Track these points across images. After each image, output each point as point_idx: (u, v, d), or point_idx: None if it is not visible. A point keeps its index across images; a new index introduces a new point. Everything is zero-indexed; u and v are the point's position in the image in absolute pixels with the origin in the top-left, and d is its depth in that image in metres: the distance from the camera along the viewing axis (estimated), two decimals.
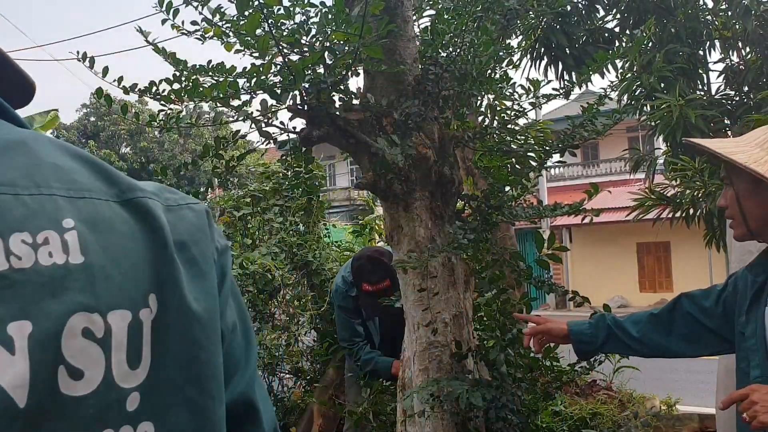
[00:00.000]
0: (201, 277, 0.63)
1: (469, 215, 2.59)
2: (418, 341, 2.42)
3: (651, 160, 5.75)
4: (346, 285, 3.47)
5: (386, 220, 2.49)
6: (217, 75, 2.20)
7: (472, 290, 2.59)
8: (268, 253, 4.16)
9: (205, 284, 0.63)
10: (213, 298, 0.63)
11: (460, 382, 2.29)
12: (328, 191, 24.72)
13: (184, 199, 0.67)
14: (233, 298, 0.69)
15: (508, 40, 2.83)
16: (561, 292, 2.55)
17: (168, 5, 2.21)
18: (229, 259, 0.70)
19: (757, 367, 1.63)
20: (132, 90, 2.25)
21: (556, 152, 2.73)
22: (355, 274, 3.35)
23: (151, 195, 0.63)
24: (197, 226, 0.65)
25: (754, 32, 5.02)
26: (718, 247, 5.30)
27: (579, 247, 19.92)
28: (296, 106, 2.21)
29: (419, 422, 2.38)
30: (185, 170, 2.51)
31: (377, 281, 3.25)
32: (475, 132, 2.64)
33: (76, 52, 2.22)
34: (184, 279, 0.60)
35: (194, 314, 0.60)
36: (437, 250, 2.28)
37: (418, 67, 2.45)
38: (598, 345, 1.97)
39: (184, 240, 0.63)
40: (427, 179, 2.38)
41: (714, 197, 4.61)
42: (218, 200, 5.01)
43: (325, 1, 2.22)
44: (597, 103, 2.59)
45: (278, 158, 3.12)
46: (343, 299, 3.50)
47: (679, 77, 5.20)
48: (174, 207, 0.64)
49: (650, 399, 4.87)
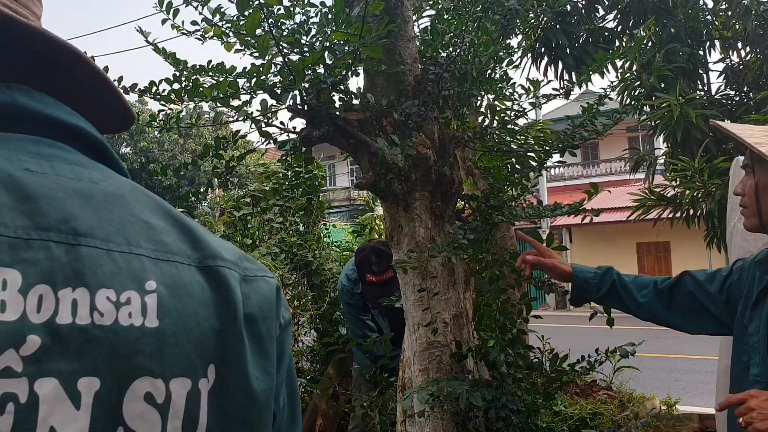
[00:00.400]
0: (263, 355, 0.62)
1: (469, 215, 2.59)
2: (418, 341, 2.42)
3: (651, 160, 5.75)
4: (351, 283, 3.47)
5: (386, 220, 2.49)
6: (217, 75, 2.19)
7: (472, 290, 2.59)
8: (268, 253, 4.16)
9: (266, 363, 0.63)
10: (271, 378, 0.63)
11: (460, 382, 2.29)
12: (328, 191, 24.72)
13: (261, 270, 0.67)
14: (288, 376, 0.69)
15: (508, 40, 2.83)
16: (561, 292, 2.55)
17: (168, 5, 2.21)
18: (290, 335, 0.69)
19: (757, 365, 1.63)
20: (132, 90, 2.25)
21: (556, 152, 2.73)
22: (358, 266, 3.35)
23: (231, 264, 0.62)
24: (268, 300, 0.65)
25: (754, 32, 5.02)
26: (718, 247, 5.30)
27: (579, 247, 19.93)
28: (296, 106, 2.21)
29: (419, 422, 2.38)
30: (185, 170, 2.50)
31: (381, 271, 3.24)
32: (475, 132, 2.64)
33: None
34: (249, 356, 0.60)
35: (252, 393, 0.60)
36: (437, 250, 2.28)
37: (418, 67, 2.45)
38: (597, 296, 1.98)
39: (254, 314, 0.62)
40: (427, 179, 2.38)
41: (714, 197, 4.61)
42: (218, 200, 5.01)
43: (325, 1, 2.22)
44: (597, 103, 2.58)
45: (278, 158, 3.12)
46: (350, 297, 3.49)
47: (679, 77, 5.19)
48: (251, 278, 0.64)
49: (650, 399, 4.87)
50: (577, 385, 4.75)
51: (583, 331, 7.18)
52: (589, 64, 2.73)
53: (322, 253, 4.43)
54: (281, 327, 0.67)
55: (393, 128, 2.30)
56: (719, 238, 5.13)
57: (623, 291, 1.94)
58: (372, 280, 3.27)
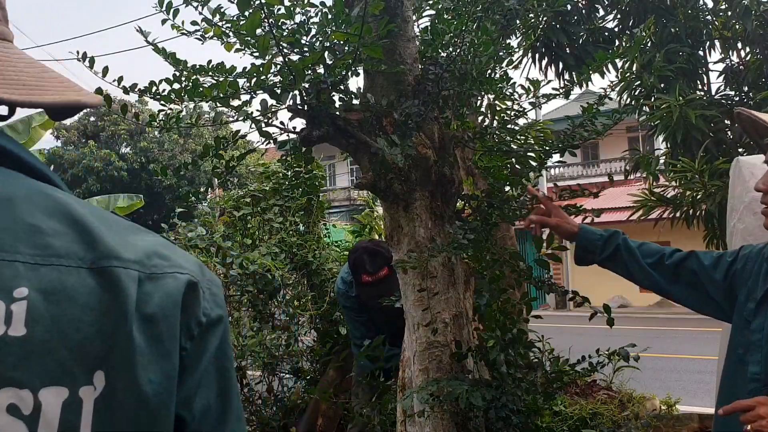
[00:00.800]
0: (165, 357, 0.59)
1: (469, 215, 2.59)
2: (418, 341, 2.42)
3: (651, 160, 5.75)
4: (346, 285, 3.47)
5: (386, 220, 2.49)
6: (217, 75, 2.19)
7: (472, 290, 2.59)
8: (268, 253, 4.16)
9: (166, 366, 0.59)
10: (171, 382, 0.60)
11: (460, 382, 2.29)
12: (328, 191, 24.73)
13: (174, 266, 0.63)
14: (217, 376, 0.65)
15: (508, 40, 2.83)
16: (561, 292, 2.55)
17: (168, 5, 2.21)
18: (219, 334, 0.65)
19: (758, 363, 1.62)
20: (132, 90, 2.25)
21: (556, 152, 2.73)
22: (352, 268, 3.34)
23: (130, 263, 0.60)
24: (173, 298, 0.61)
25: (754, 32, 5.01)
26: (717, 247, 5.30)
27: None
28: (296, 106, 2.21)
29: (419, 422, 2.38)
30: (185, 170, 2.50)
31: (375, 270, 3.24)
32: (475, 132, 2.64)
33: (76, 52, 2.22)
34: (142, 358, 0.57)
35: (145, 397, 0.57)
36: (437, 250, 2.28)
37: (418, 67, 2.45)
38: (601, 257, 1.96)
39: (155, 314, 0.59)
40: (427, 179, 2.38)
41: (714, 198, 4.61)
42: (218, 200, 5.01)
43: (325, 1, 2.22)
44: (597, 103, 2.58)
45: (278, 158, 3.12)
46: (346, 300, 3.50)
47: (679, 77, 5.19)
48: (157, 275, 0.61)
49: (650, 399, 4.87)
50: (577, 385, 4.75)
51: (583, 331, 7.19)
52: (589, 63, 2.73)
53: (322, 253, 4.43)
54: (202, 325, 0.63)
55: (393, 128, 2.30)
56: (719, 238, 5.13)
57: (627, 255, 1.92)
58: (368, 280, 3.26)
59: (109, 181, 24.58)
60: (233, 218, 4.46)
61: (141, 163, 25.24)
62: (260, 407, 4.08)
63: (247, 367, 4.12)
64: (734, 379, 1.70)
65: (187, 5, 2.26)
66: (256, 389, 4.14)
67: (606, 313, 2.35)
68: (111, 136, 26.70)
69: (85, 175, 25.30)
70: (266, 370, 4.10)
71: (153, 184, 24.71)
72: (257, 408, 4.07)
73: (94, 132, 27.25)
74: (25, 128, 8.04)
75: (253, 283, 4.03)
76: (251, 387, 4.11)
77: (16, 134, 9.98)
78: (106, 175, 25.04)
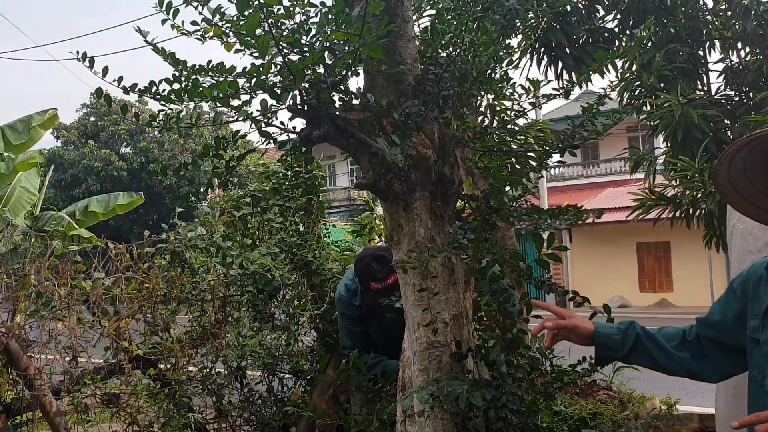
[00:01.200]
0: None
1: (469, 215, 2.59)
2: (418, 341, 2.42)
3: (651, 160, 5.75)
4: (349, 293, 3.41)
5: (386, 220, 2.49)
6: (217, 75, 2.19)
7: (472, 290, 2.59)
8: (268, 253, 4.16)
9: None
10: None
11: (460, 382, 2.29)
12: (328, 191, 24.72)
13: None
14: None
15: (508, 40, 2.82)
16: (561, 292, 2.55)
17: (168, 5, 2.21)
18: None
19: None
20: (132, 90, 2.25)
21: (556, 152, 2.73)
22: (360, 275, 3.29)
23: None
24: None
25: (754, 32, 5.02)
26: (717, 247, 5.31)
27: (579, 247, 19.92)
28: (296, 106, 2.21)
29: (419, 422, 2.38)
30: (185, 170, 2.50)
31: (384, 277, 3.21)
32: (475, 132, 2.64)
33: (76, 52, 2.22)
34: None
35: None
36: (437, 250, 2.28)
37: (418, 67, 2.45)
38: (623, 354, 1.86)
39: None
40: (427, 179, 2.38)
41: (714, 198, 4.61)
42: (218, 200, 5.01)
43: (325, 1, 2.22)
44: (597, 103, 2.58)
45: (278, 158, 3.12)
46: (346, 307, 3.44)
47: (679, 77, 5.20)
48: None
49: (650, 399, 4.87)
50: (577, 385, 4.75)
51: None
52: (589, 64, 2.73)
53: (322, 253, 4.42)
54: None
55: (393, 128, 2.30)
56: (718, 238, 5.14)
57: (650, 343, 1.83)
58: (377, 287, 3.22)
59: (109, 181, 24.61)
60: (233, 218, 4.47)
61: (141, 163, 25.25)
62: (260, 407, 4.08)
63: (247, 367, 4.12)
64: (755, 405, 1.61)
65: (187, 5, 2.26)
66: (256, 389, 4.13)
67: (606, 313, 2.35)
68: (111, 136, 26.71)
69: (85, 175, 25.32)
70: (266, 370, 4.10)
71: (153, 184, 24.72)
72: (257, 408, 4.07)
73: (94, 132, 27.26)
74: (24, 128, 8.04)
75: (253, 283, 4.03)
76: (251, 387, 4.11)
77: (16, 134, 9.95)
78: (106, 175, 25.06)
